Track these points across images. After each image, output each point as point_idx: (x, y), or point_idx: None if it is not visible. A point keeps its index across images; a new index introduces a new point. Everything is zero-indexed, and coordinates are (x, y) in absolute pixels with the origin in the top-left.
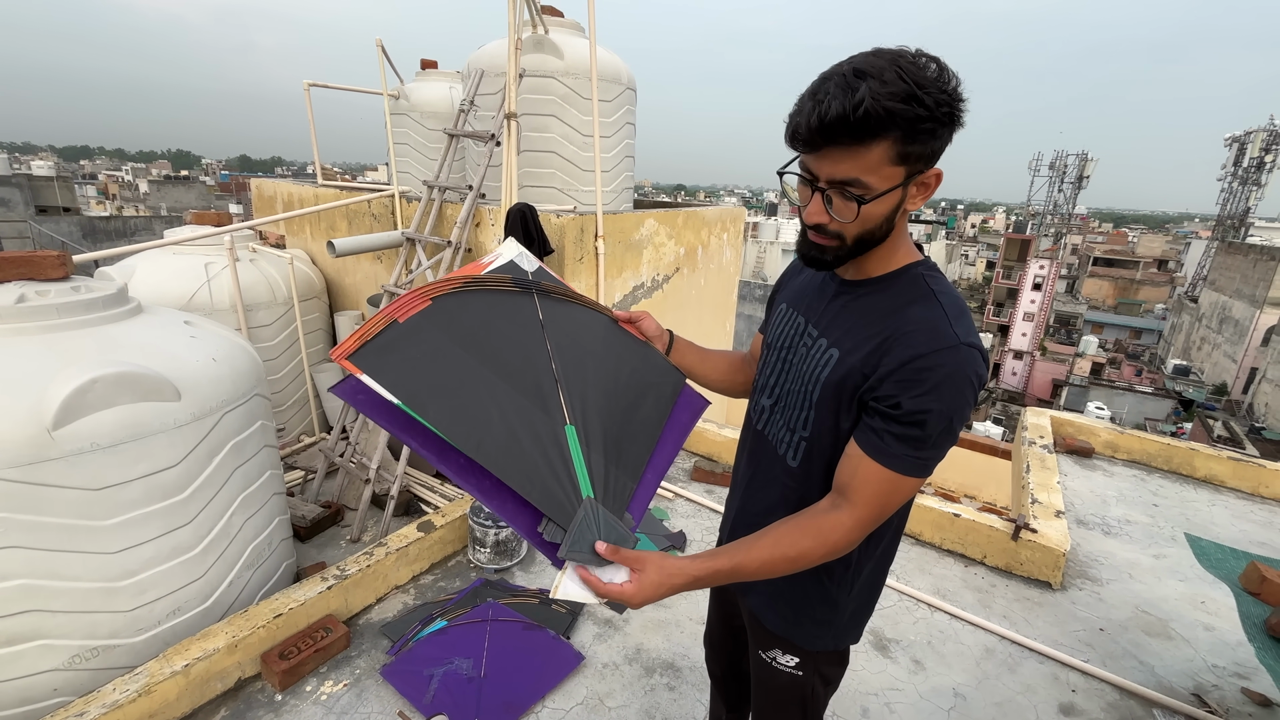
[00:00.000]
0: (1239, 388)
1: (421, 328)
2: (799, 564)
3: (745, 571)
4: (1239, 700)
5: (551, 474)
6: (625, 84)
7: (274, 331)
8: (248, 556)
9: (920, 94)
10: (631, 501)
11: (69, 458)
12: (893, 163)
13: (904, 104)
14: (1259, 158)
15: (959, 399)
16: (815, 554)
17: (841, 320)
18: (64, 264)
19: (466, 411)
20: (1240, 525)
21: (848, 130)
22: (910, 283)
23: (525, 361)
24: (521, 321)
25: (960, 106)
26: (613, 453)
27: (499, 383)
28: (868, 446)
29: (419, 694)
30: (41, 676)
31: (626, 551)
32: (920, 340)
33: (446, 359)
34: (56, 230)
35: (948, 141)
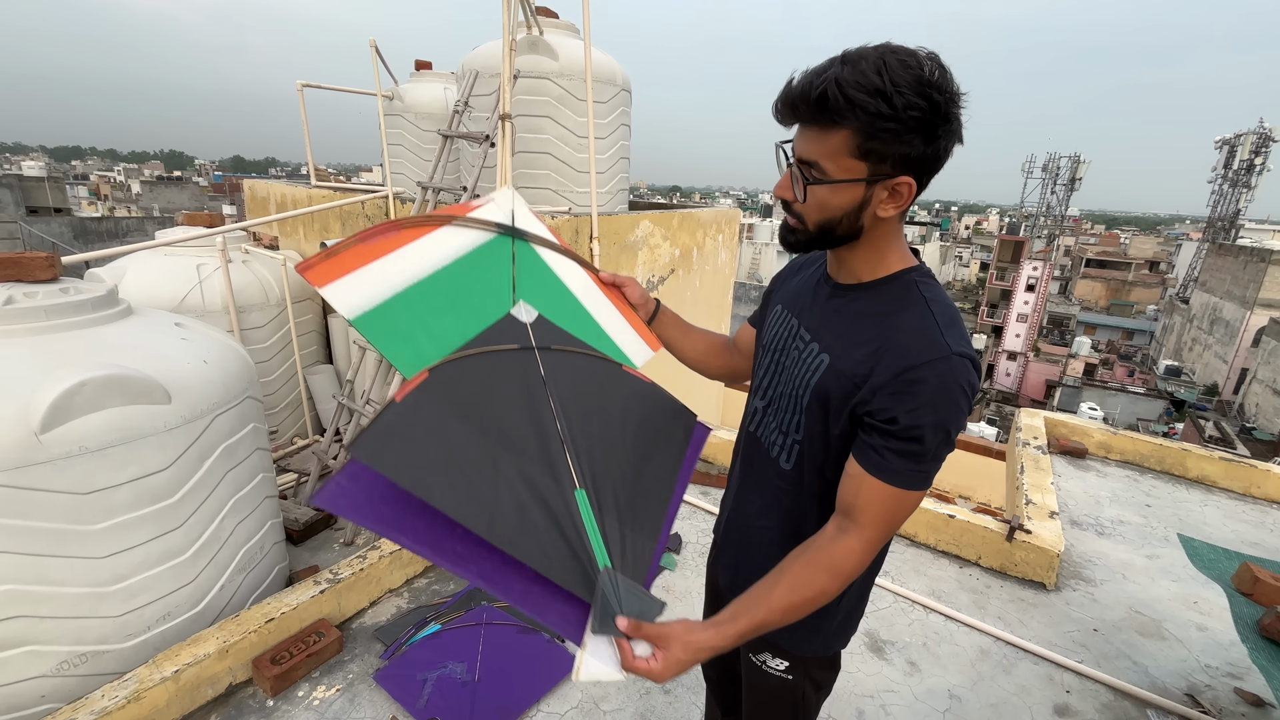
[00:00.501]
0: (1230, 388)
1: (420, 404)
2: (819, 601)
3: (770, 624)
4: (1232, 700)
5: (566, 546)
6: (620, 85)
7: (267, 333)
8: (239, 560)
9: (890, 91)
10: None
11: (57, 461)
12: (852, 155)
13: (867, 96)
14: (1249, 160)
15: (953, 409)
16: (833, 589)
17: (833, 325)
18: (52, 265)
19: (473, 489)
20: (1232, 525)
21: (808, 109)
22: (902, 289)
23: (530, 424)
24: (523, 381)
25: (940, 116)
26: (627, 514)
27: (504, 453)
28: (868, 465)
29: (412, 698)
30: (29, 683)
31: (649, 627)
32: (912, 350)
33: (448, 434)
34: (47, 231)
35: (927, 152)
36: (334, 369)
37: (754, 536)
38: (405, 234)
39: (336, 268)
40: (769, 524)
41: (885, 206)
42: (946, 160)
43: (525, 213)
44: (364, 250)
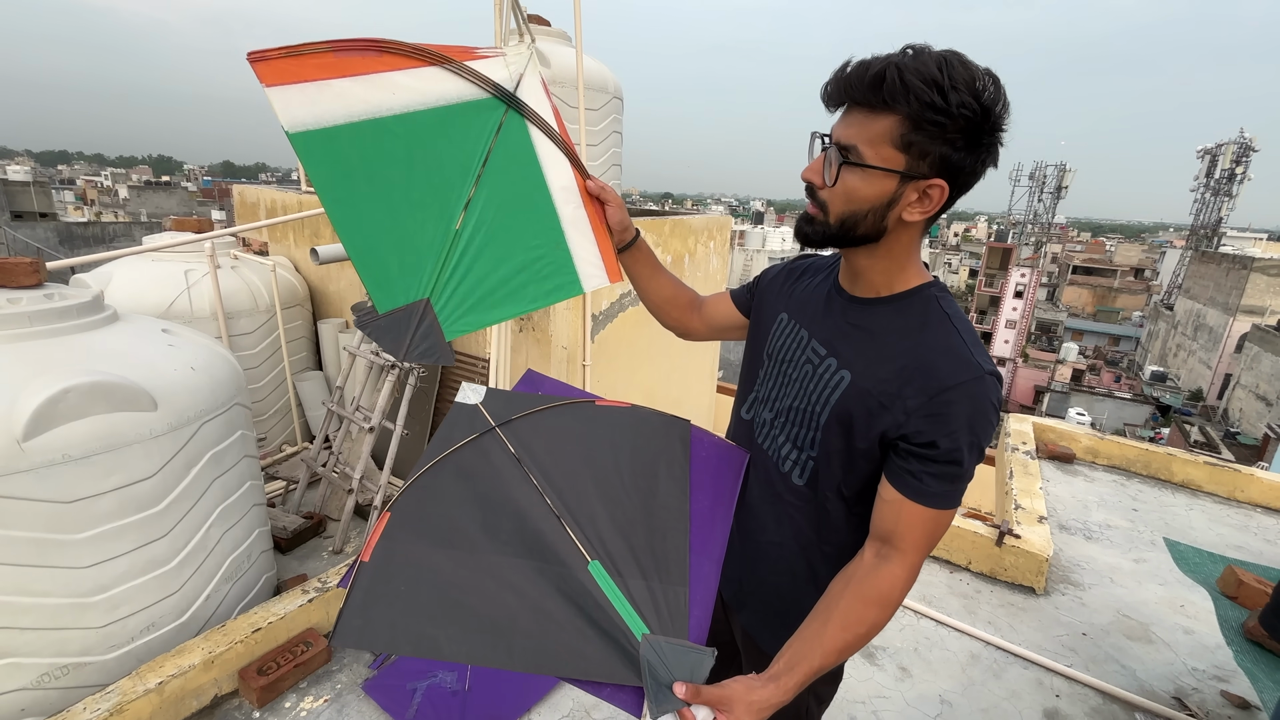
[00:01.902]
0: (1214, 393)
1: (391, 553)
2: (872, 635)
3: (827, 667)
4: (1218, 703)
5: (598, 633)
6: (612, 93)
7: (255, 340)
8: (226, 569)
9: (946, 85)
10: (691, 608)
11: (39, 470)
12: (894, 145)
13: (923, 85)
14: (1230, 169)
15: (987, 428)
16: (883, 620)
17: (852, 340)
18: (37, 271)
19: (481, 619)
20: (1217, 529)
21: (862, 88)
22: (924, 305)
23: (518, 516)
24: (495, 471)
25: (988, 125)
26: (650, 566)
27: (501, 560)
28: (908, 490)
29: (401, 708)
30: (9, 696)
31: (708, 691)
32: (945, 371)
33: (433, 573)
34: (32, 236)
35: (967, 160)
36: (323, 375)
37: (761, 552)
38: (386, 59)
39: (294, 69)
40: (779, 540)
41: (912, 209)
42: (981, 177)
43: (535, 84)
44: (333, 62)
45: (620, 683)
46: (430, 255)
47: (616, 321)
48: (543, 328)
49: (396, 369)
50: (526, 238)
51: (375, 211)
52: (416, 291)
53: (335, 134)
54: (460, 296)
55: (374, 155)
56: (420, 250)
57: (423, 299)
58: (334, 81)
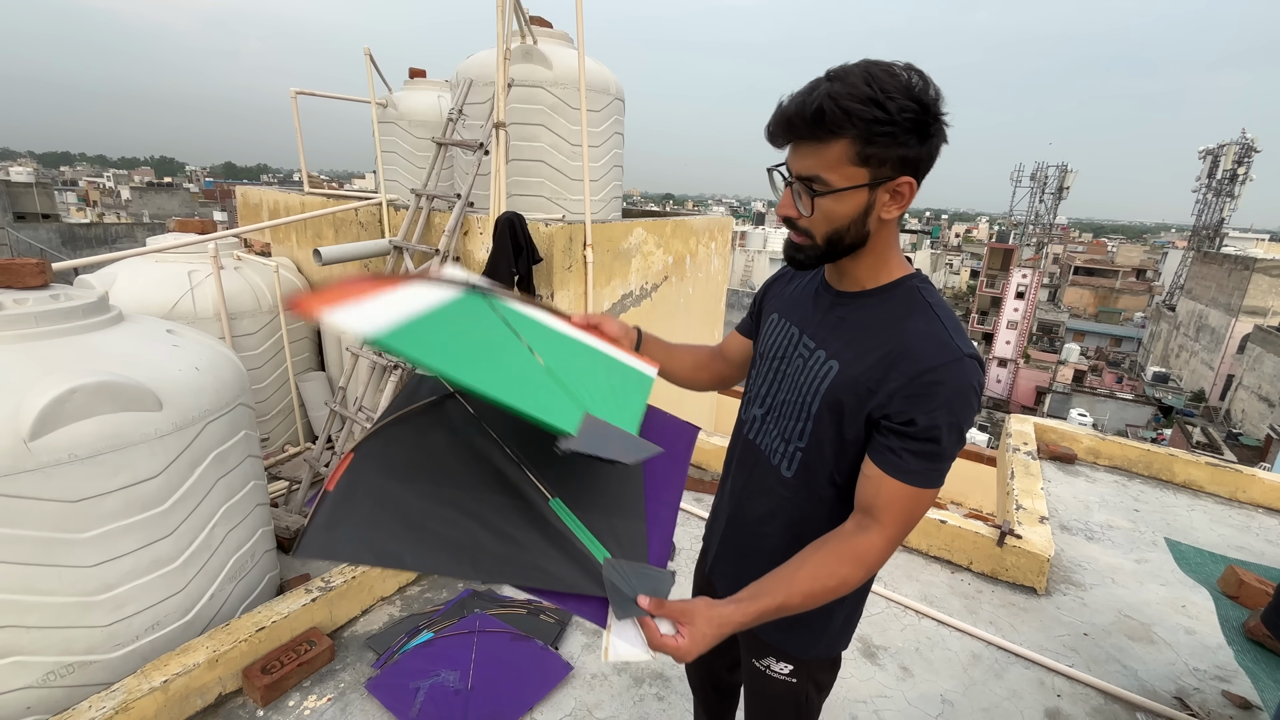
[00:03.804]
0: (1216, 394)
1: (356, 483)
2: (840, 591)
3: (790, 607)
4: (1220, 703)
5: (561, 553)
6: (613, 94)
7: (259, 340)
8: (230, 569)
9: (882, 98)
10: (650, 542)
11: (46, 469)
12: (853, 163)
13: (861, 105)
14: (1232, 170)
15: (966, 409)
16: (855, 579)
17: (840, 332)
18: (43, 272)
19: (443, 539)
20: (1218, 530)
21: (805, 125)
22: (906, 295)
23: (479, 460)
24: (454, 424)
25: (931, 116)
26: (607, 504)
27: (463, 494)
28: (887, 466)
29: (405, 707)
30: (14, 694)
31: (672, 605)
32: (926, 354)
33: (397, 500)
34: (35, 237)
35: (922, 152)
36: (326, 376)
37: (756, 544)
38: (384, 283)
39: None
40: (772, 531)
41: (889, 208)
42: (937, 158)
43: (480, 279)
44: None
45: (583, 593)
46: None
47: None
48: None
49: (399, 370)
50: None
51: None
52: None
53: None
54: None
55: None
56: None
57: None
58: (368, 300)
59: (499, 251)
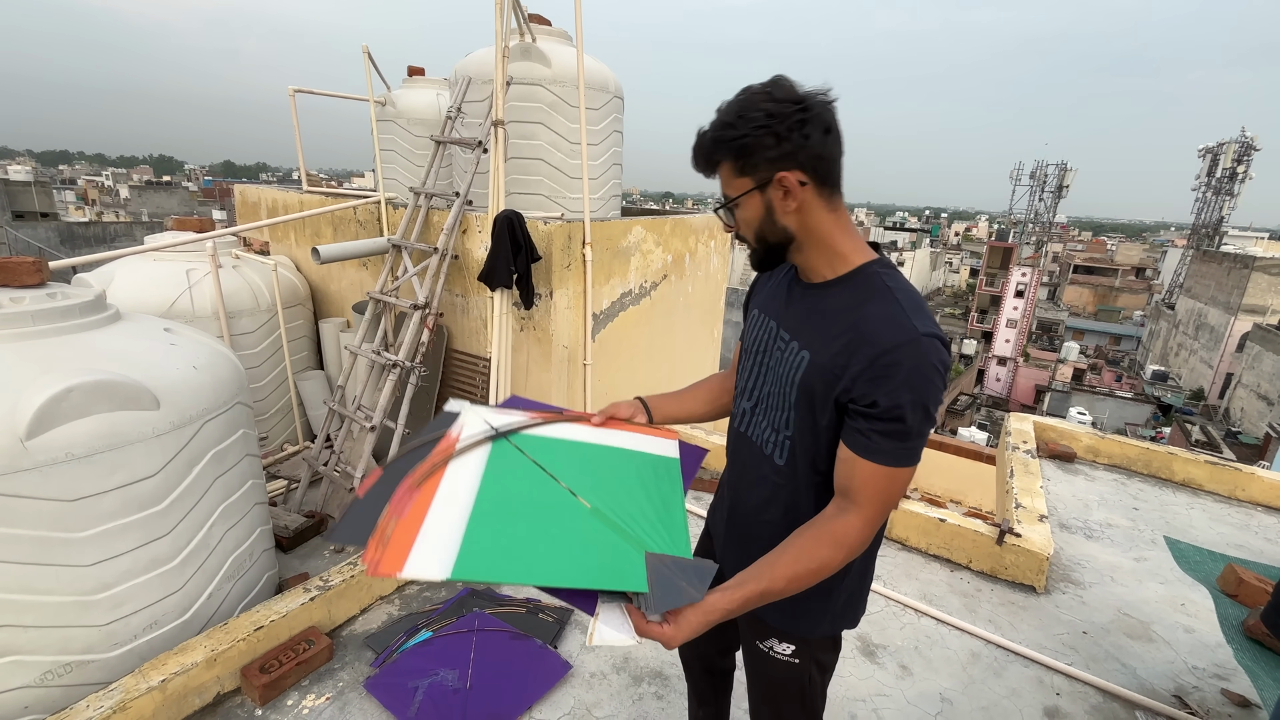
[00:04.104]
0: (1215, 393)
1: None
2: (822, 574)
3: (774, 592)
4: (1219, 701)
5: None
6: (613, 92)
7: (257, 339)
8: (228, 568)
9: (735, 121)
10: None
11: (43, 468)
12: (737, 176)
13: (720, 131)
14: (1231, 168)
15: (928, 386)
16: (836, 560)
17: (809, 322)
18: (40, 270)
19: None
20: (1218, 528)
21: (703, 165)
22: (866, 281)
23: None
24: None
25: (781, 117)
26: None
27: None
28: (858, 448)
29: (403, 706)
30: (12, 694)
31: None
32: (884, 337)
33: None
34: (33, 236)
35: (788, 148)
36: (325, 375)
37: (757, 531)
38: (425, 488)
39: (399, 549)
40: (771, 518)
41: (786, 203)
42: (828, 148)
43: (492, 414)
44: (407, 522)
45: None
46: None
47: (617, 321)
48: (544, 327)
49: (398, 368)
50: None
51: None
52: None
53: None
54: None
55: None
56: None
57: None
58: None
59: (497, 250)
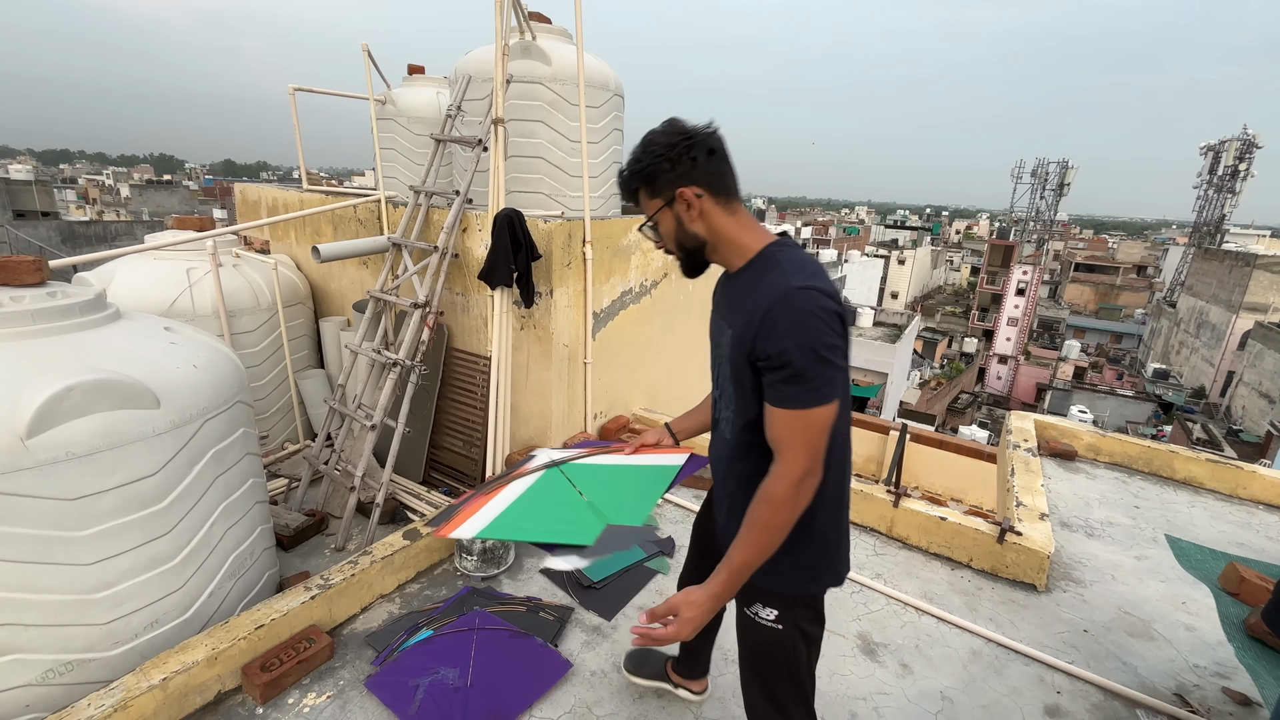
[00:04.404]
0: (1217, 391)
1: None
2: (775, 529)
3: (747, 563)
4: (1220, 700)
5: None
6: (613, 90)
7: (258, 338)
8: (229, 566)
9: (641, 156)
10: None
11: (43, 467)
12: (651, 198)
13: (633, 166)
14: (1233, 166)
15: (808, 329)
16: (780, 515)
17: (730, 304)
18: (40, 269)
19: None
20: (1219, 526)
21: (626, 194)
22: (764, 260)
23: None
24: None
25: (667, 147)
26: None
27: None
28: (770, 399)
29: (404, 705)
30: (13, 692)
31: (658, 608)
32: (767, 298)
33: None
34: (34, 235)
35: (682, 170)
36: (325, 373)
37: (728, 505)
38: (490, 494)
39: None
40: (732, 489)
41: (690, 213)
42: (715, 166)
43: (556, 452)
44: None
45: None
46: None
47: (618, 319)
48: (544, 325)
49: (398, 367)
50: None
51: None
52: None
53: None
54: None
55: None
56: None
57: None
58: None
59: (497, 248)
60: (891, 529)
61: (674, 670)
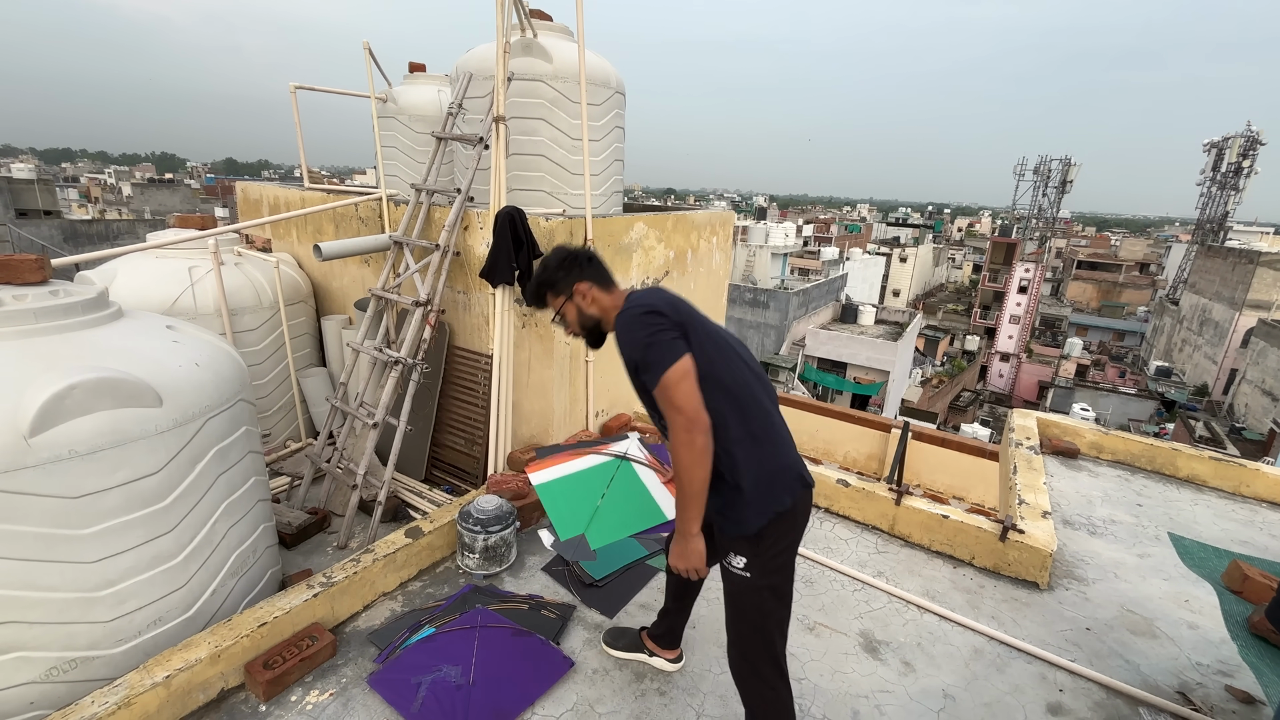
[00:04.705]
0: (1219, 388)
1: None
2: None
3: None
4: (1223, 698)
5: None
6: (614, 88)
7: (259, 336)
8: (231, 564)
9: (542, 272)
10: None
11: (46, 465)
12: (554, 298)
13: (539, 278)
14: (1236, 163)
15: (631, 332)
16: (684, 458)
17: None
18: (42, 268)
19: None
20: (1222, 524)
21: (536, 301)
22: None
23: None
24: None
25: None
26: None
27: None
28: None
29: (406, 702)
30: (18, 690)
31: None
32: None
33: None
34: (36, 234)
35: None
36: (327, 372)
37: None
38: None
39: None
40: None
41: (585, 301)
42: (592, 267)
43: (635, 449)
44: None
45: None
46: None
47: None
48: (545, 324)
49: (400, 365)
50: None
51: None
52: (579, 529)
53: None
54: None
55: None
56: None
57: (581, 533)
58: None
59: (499, 246)
60: (893, 527)
61: (649, 638)
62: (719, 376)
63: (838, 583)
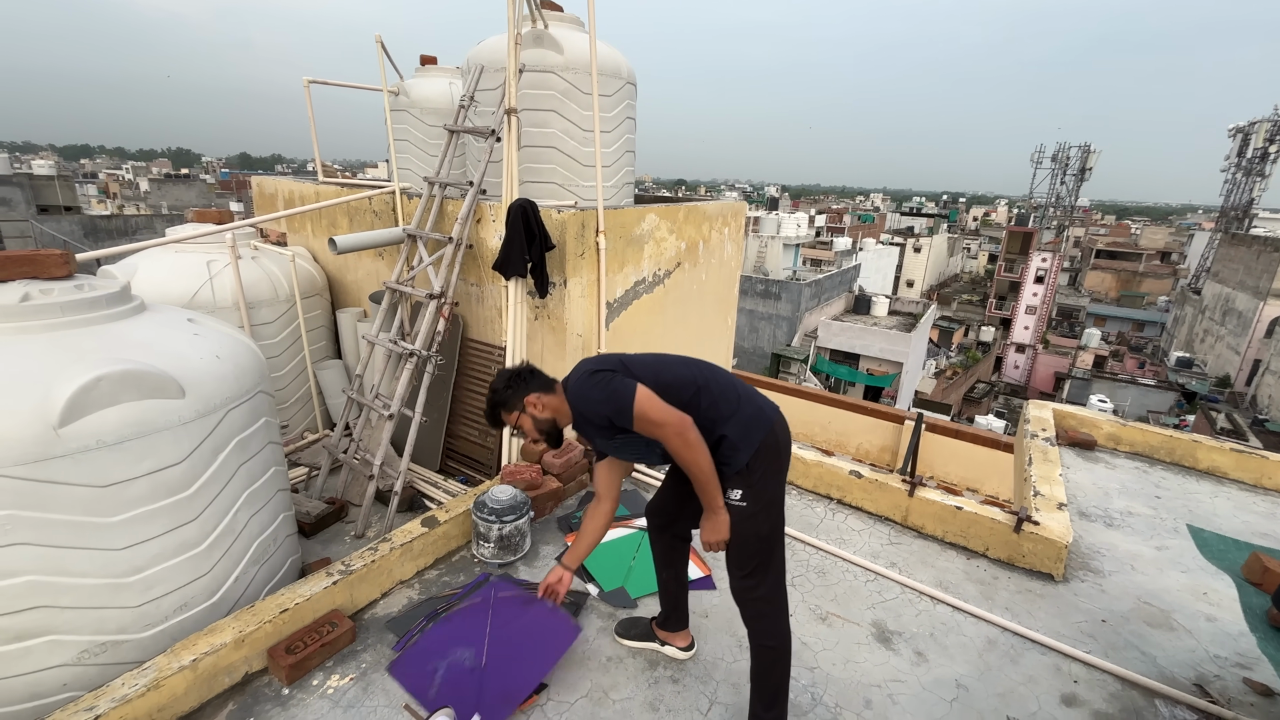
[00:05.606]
0: (1242, 380)
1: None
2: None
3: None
4: (1241, 690)
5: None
6: (625, 78)
7: (276, 329)
8: (253, 552)
9: (494, 395)
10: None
11: (75, 455)
12: (508, 413)
13: (493, 399)
14: (1263, 148)
15: (586, 393)
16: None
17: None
18: (67, 263)
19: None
20: (1243, 516)
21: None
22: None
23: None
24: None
25: (506, 383)
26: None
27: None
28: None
29: (424, 688)
30: (51, 672)
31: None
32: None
33: None
34: (58, 229)
35: (521, 388)
36: (343, 364)
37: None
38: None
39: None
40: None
41: (538, 410)
42: (536, 379)
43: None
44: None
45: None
46: (623, 573)
47: (631, 309)
48: (558, 315)
49: (414, 357)
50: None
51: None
52: (619, 583)
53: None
54: (636, 584)
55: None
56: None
57: (621, 585)
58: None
59: (512, 239)
60: (907, 518)
61: (659, 628)
62: (669, 382)
63: (850, 573)
